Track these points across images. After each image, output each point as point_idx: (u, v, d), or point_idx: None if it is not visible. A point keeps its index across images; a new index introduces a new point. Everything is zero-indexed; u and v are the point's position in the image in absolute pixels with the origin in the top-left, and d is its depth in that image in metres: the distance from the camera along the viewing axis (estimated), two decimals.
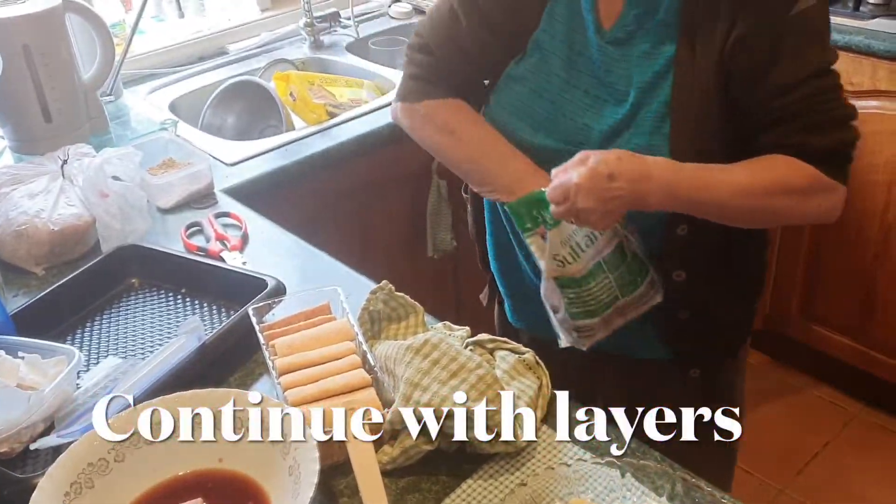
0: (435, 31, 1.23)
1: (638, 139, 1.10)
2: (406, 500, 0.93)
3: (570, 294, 1.13)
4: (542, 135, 1.16)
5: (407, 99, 1.26)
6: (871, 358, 2.34)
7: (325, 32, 2.30)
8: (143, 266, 1.34)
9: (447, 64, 1.22)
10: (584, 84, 1.14)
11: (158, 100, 2.01)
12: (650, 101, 1.10)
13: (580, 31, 1.13)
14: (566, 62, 1.14)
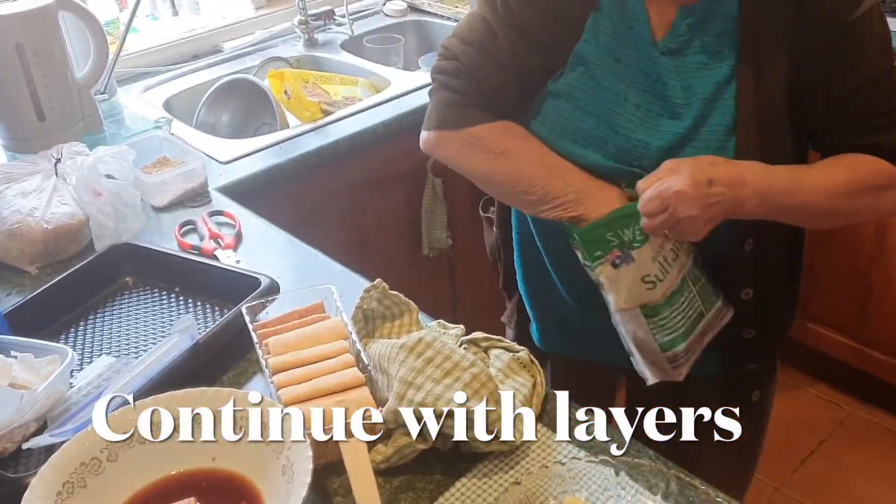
0: (469, 49, 1.12)
1: (700, 155, 1.05)
2: (400, 499, 0.93)
3: (659, 320, 1.08)
4: (592, 152, 1.10)
5: (445, 127, 1.15)
6: (867, 356, 2.34)
7: (320, 30, 2.29)
8: (136, 265, 1.33)
9: (488, 84, 1.12)
10: (635, 98, 1.08)
11: (153, 98, 2.01)
12: (712, 115, 1.06)
13: (628, 43, 1.07)
14: (614, 75, 1.08)
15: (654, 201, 0.99)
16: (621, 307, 1.07)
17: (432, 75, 1.17)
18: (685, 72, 1.06)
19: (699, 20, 1.05)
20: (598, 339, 1.25)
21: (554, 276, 1.24)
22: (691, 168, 0.99)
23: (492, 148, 1.12)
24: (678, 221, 0.99)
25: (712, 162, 1.01)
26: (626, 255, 1.04)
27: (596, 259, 1.05)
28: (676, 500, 0.89)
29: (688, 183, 0.98)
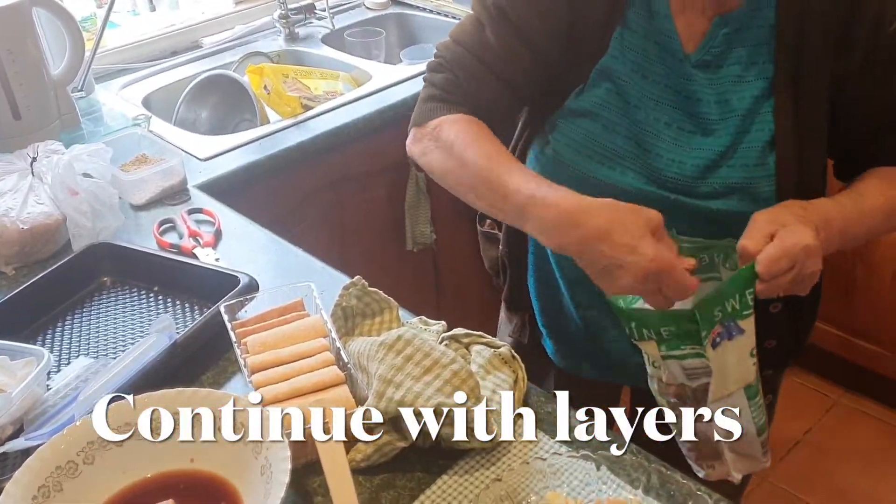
0: (456, 47, 1.09)
1: (738, 173, 1.02)
2: (381, 498, 0.92)
3: (758, 401, 0.98)
4: (621, 173, 1.06)
5: (416, 123, 1.10)
6: (852, 345, 2.35)
7: (301, 24, 2.28)
8: (114, 264, 1.32)
9: (467, 78, 1.07)
10: (666, 116, 1.03)
11: (131, 95, 1.99)
12: (750, 131, 1.02)
13: (656, 59, 1.03)
14: (643, 93, 1.04)
15: (783, 260, 0.90)
16: (723, 394, 0.94)
17: (423, 77, 1.14)
18: (720, 85, 1.02)
19: (735, 29, 1.00)
20: (609, 360, 1.25)
21: (566, 295, 1.22)
22: (799, 217, 0.93)
23: (445, 141, 1.04)
24: (803, 278, 0.92)
25: (804, 207, 0.96)
26: (732, 327, 0.92)
27: (703, 341, 0.91)
28: (658, 493, 0.89)
29: (812, 235, 0.91)
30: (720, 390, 0.94)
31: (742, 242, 0.93)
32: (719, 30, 1.00)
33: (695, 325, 0.90)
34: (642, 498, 0.89)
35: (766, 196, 1.04)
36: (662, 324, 0.91)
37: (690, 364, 0.93)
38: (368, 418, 0.93)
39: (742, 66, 1.01)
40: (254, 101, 1.85)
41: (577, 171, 1.08)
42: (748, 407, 0.97)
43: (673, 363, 0.93)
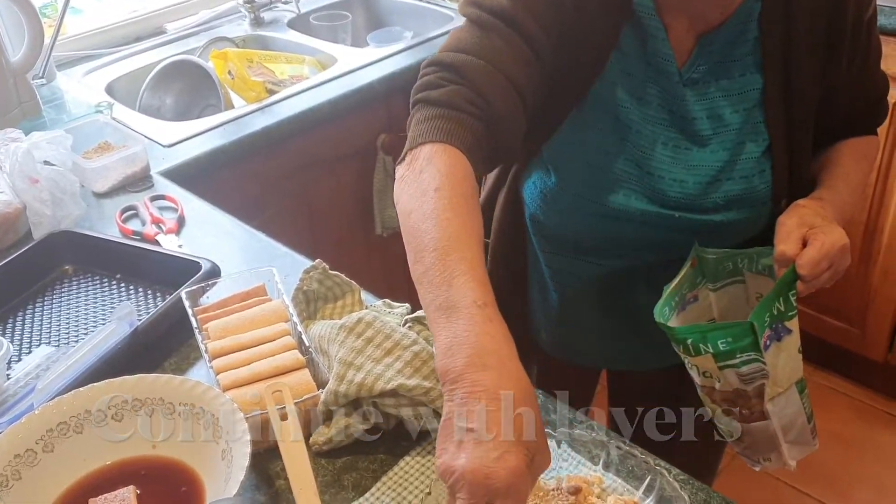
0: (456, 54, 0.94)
1: (738, 186, 1.04)
2: (343, 480, 0.92)
3: (807, 391, 1.02)
4: (624, 196, 1.05)
5: (414, 143, 0.90)
6: (820, 321, 2.38)
7: (266, 8, 2.26)
8: (76, 252, 1.30)
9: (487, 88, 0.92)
10: (662, 136, 1.03)
11: (94, 82, 1.96)
12: (745, 143, 1.03)
13: (648, 80, 1.02)
14: (640, 116, 1.03)
15: (824, 262, 0.94)
16: (778, 391, 0.98)
17: (411, 99, 0.96)
18: (711, 101, 1.02)
19: (721, 45, 1.01)
20: (584, 343, 1.26)
21: (548, 278, 1.22)
22: (823, 216, 0.97)
23: (430, 181, 0.85)
24: (837, 275, 0.97)
25: (822, 205, 1.00)
26: (780, 329, 0.96)
27: (757, 348, 0.93)
28: (617, 468, 0.90)
29: (843, 233, 0.96)
30: (775, 389, 0.97)
31: (780, 248, 0.96)
32: (706, 47, 1.00)
33: (752, 335, 0.92)
34: (602, 474, 0.90)
35: (762, 201, 1.06)
36: (720, 337, 0.93)
37: (747, 370, 0.95)
38: (329, 403, 0.93)
39: (730, 81, 1.02)
40: (218, 86, 1.84)
41: (583, 199, 1.07)
42: (800, 399, 1.01)
43: (729, 372, 0.96)
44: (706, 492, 0.90)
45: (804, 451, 1.07)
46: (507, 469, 0.66)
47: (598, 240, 1.11)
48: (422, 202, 0.83)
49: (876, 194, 2.10)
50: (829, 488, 2.18)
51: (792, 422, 1.03)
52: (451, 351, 0.73)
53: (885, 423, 2.36)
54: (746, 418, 1.01)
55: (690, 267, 1.05)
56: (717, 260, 1.06)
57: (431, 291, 0.77)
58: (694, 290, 1.07)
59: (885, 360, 2.30)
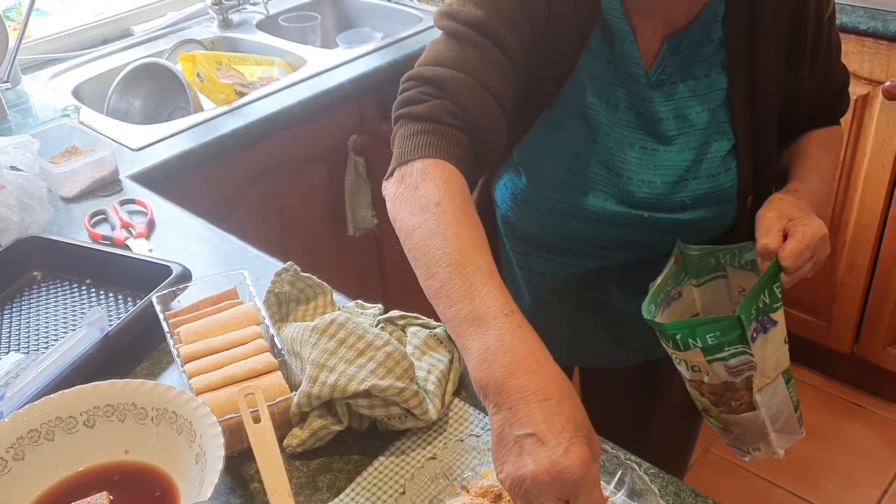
0: (435, 67, 0.95)
1: (705, 184, 1.06)
2: (318, 482, 0.93)
3: (792, 380, 1.04)
4: (594, 197, 1.07)
5: (402, 160, 0.90)
6: (788, 315, 2.37)
7: (234, 10, 2.25)
8: (45, 258, 1.30)
9: (467, 101, 0.93)
10: (630, 138, 1.05)
11: (61, 85, 1.94)
12: (711, 143, 1.05)
13: (616, 83, 1.04)
14: (608, 118, 1.04)
15: (805, 253, 0.96)
16: (766, 382, 0.99)
17: (393, 115, 0.97)
18: (677, 101, 1.04)
19: (688, 46, 1.02)
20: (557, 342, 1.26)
21: (520, 278, 1.23)
22: (801, 208, 0.99)
23: (428, 195, 0.85)
24: (818, 264, 0.99)
25: (797, 196, 1.02)
26: (766, 321, 0.97)
27: (745, 341, 0.94)
28: None
29: (822, 223, 0.98)
30: (762, 380, 0.99)
31: (762, 242, 0.97)
32: (672, 49, 1.02)
33: (740, 329, 0.94)
34: None
35: (729, 198, 1.08)
36: (708, 331, 0.95)
37: (735, 362, 0.97)
38: (302, 405, 0.93)
39: (696, 81, 1.04)
40: (186, 89, 1.83)
41: (552, 200, 1.09)
42: (787, 389, 1.03)
43: (718, 365, 0.98)
44: (676, 484, 0.91)
45: (792, 439, 1.09)
46: (577, 460, 0.68)
47: (569, 240, 1.13)
48: (424, 218, 0.83)
49: (840, 189, 2.14)
50: (798, 479, 2.22)
51: (779, 411, 1.04)
52: (487, 362, 0.73)
53: (853, 413, 2.40)
54: (735, 410, 1.03)
55: (674, 263, 1.06)
56: (699, 256, 1.08)
57: (453, 306, 0.78)
58: (678, 287, 1.09)
59: (851, 351, 2.34)
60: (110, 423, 0.93)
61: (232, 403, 0.91)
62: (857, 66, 1.97)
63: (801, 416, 1.10)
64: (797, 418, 1.09)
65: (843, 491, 2.18)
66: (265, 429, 0.87)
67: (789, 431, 1.08)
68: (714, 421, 1.08)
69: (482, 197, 1.20)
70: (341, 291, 1.19)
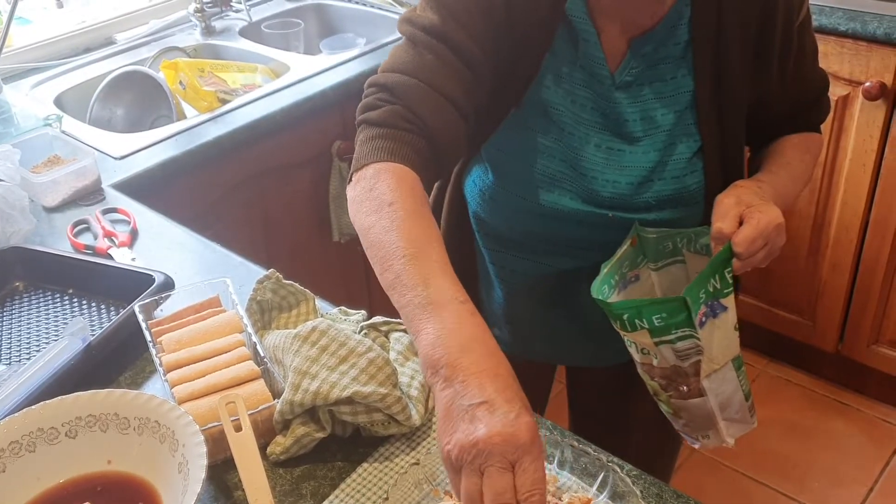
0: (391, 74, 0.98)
1: (669, 186, 1.06)
2: (302, 489, 0.93)
3: (743, 369, 1.04)
4: (559, 195, 1.08)
5: (358, 165, 0.94)
6: (772, 314, 2.43)
7: (217, 17, 2.25)
8: (27, 268, 1.29)
9: (419, 106, 0.96)
10: (595, 138, 1.06)
11: (42, 94, 1.94)
12: (676, 145, 1.05)
13: (581, 83, 1.04)
14: (574, 119, 1.05)
15: (759, 240, 0.95)
16: (715, 368, 0.99)
17: (356, 120, 1.00)
18: (643, 103, 1.05)
19: (653, 49, 1.03)
20: (534, 340, 1.28)
21: (493, 276, 1.23)
22: (761, 196, 0.99)
23: (382, 196, 0.89)
24: (771, 253, 0.98)
25: (759, 185, 1.02)
26: (715, 306, 0.97)
27: (691, 325, 0.94)
28: (571, 466, 0.91)
29: (779, 212, 0.97)
30: (711, 366, 0.99)
31: (717, 226, 0.97)
32: (637, 51, 1.02)
33: (686, 311, 0.94)
34: (557, 472, 0.91)
35: (695, 200, 1.09)
36: (654, 312, 0.95)
37: (682, 346, 0.97)
38: (285, 413, 0.93)
39: (663, 83, 1.04)
40: (169, 97, 1.83)
41: (517, 197, 1.10)
42: (736, 377, 1.03)
43: (665, 348, 0.98)
44: (658, 486, 0.92)
45: (743, 428, 1.09)
46: (526, 425, 0.72)
47: (537, 238, 1.14)
48: (379, 217, 0.87)
49: (822, 189, 2.16)
50: (784, 477, 2.23)
51: (729, 399, 1.04)
52: (442, 340, 0.76)
53: (838, 411, 2.41)
54: (684, 395, 1.03)
55: (630, 246, 1.06)
56: (656, 239, 1.07)
57: (408, 293, 0.81)
58: (635, 270, 1.09)
59: (835, 350, 2.36)
60: (92, 434, 0.92)
61: (214, 412, 0.91)
62: (837, 66, 1.99)
63: (753, 406, 1.09)
64: (748, 408, 1.07)
65: (829, 489, 2.19)
66: (246, 437, 0.87)
67: (740, 420, 1.08)
68: (664, 406, 1.07)
69: (454, 193, 1.21)
70: (327, 297, 1.19)
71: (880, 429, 2.35)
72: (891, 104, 1.96)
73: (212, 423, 0.90)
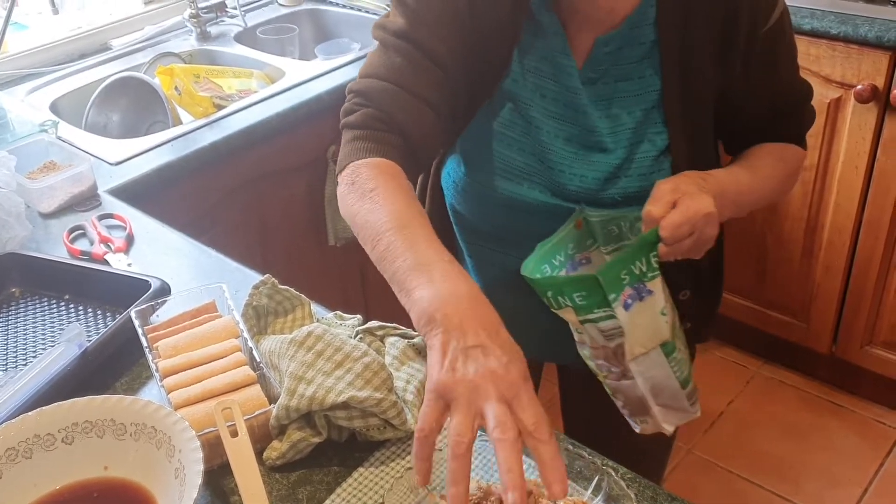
0: (366, 79, 1.04)
1: (635, 183, 1.07)
2: (298, 494, 0.93)
3: (677, 354, 1.03)
4: (528, 188, 1.10)
5: (340, 166, 1.02)
6: (766, 316, 2.44)
7: (212, 23, 2.25)
8: (23, 274, 1.30)
9: (392, 108, 1.01)
10: (564, 132, 1.08)
11: (38, 100, 1.94)
12: (642, 142, 1.07)
13: (550, 77, 1.07)
14: (542, 112, 1.08)
15: (685, 226, 0.95)
16: (639, 352, 1.00)
17: (339, 125, 1.06)
18: (609, 100, 1.06)
19: (618, 48, 1.04)
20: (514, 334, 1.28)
21: (470, 268, 1.24)
22: (700, 186, 0.98)
23: (363, 185, 0.95)
24: (702, 243, 0.98)
25: (703, 177, 1.01)
26: (641, 289, 0.97)
27: (605, 305, 0.96)
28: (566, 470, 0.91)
29: (711, 203, 0.96)
30: (636, 349, 0.99)
31: (647, 208, 0.97)
32: (602, 49, 1.04)
33: (601, 290, 0.95)
34: None
35: None
36: (574, 290, 0.96)
37: (605, 326, 0.98)
38: (281, 418, 0.94)
39: (629, 82, 1.06)
40: (165, 102, 1.83)
41: (488, 189, 1.12)
42: (667, 363, 1.02)
43: (591, 327, 0.99)
44: (653, 489, 0.92)
45: (682, 417, 1.08)
46: (519, 369, 0.76)
47: (507, 230, 1.15)
48: (363, 202, 0.94)
49: (815, 191, 2.17)
50: (779, 479, 2.24)
51: (661, 385, 1.03)
52: (436, 295, 0.80)
53: (832, 412, 2.42)
54: (616, 377, 1.04)
55: (575, 227, 1.06)
56: (601, 222, 1.07)
57: (398, 259, 0.86)
58: (586, 252, 1.09)
59: (829, 351, 2.37)
60: (89, 440, 0.93)
61: (211, 417, 0.92)
62: (829, 69, 2.00)
63: (695, 394, 1.08)
64: (686, 395, 1.06)
65: (824, 490, 2.20)
66: (242, 443, 0.87)
67: (677, 408, 1.07)
68: (606, 388, 1.08)
69: (434, 186, 1.23)
70: (323, 301, 1.20)
71: (874, 430, 2.36)
72: (882, 107, 1.97)
73: (208, 429, 0.91)
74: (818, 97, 2.04)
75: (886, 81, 1.94)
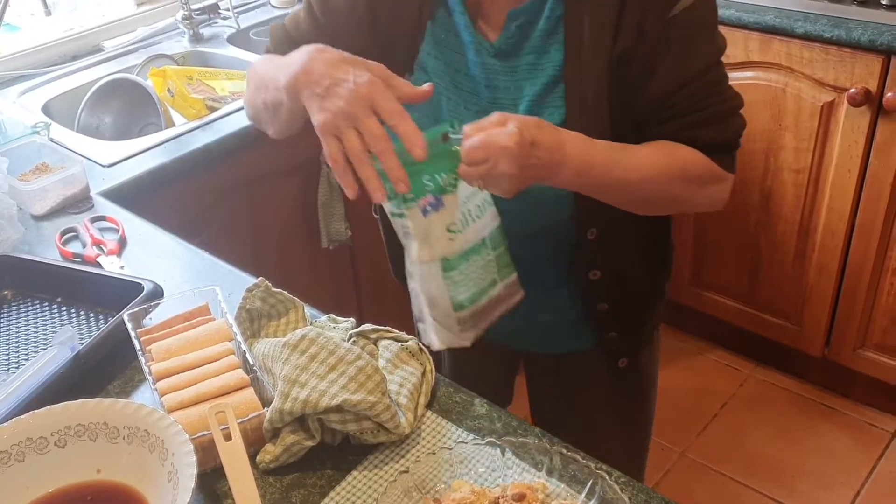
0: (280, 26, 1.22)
1: None
2: (291, 497, 0.93)
3: (456, 276, 1.01)
4: None
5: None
6: (759, 319, 2.44)
7: (205, 25, 2.25)
8: (15, 277, 1.29)
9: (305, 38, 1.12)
10: (474, 105, 1.11)
11: (30, 102, 1.93)
12: (541, 115, 1.06)
13: (458, 51, 1.11)
14: (451, 84, 1.12)
15: (479, 150, 0.93)
16: (424, 259, 0.99)
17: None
18: (517, 73, 1.08)
19: (528, 21, 1.06)
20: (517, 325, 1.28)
21: None
22: (520, 125, 0.95)
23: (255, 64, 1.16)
24: (495, 176, 0.95)
25: (538, 125, 0.98)
26: (438, 200, 0.97)
27: (408, 202, 0.96)
28: (560, 474, 0.92)
29: (515, 140, 0.93)
30: (421, 255, 0.99)
31: (466, 127, 0.96)
32: (512, 22, 1.07)
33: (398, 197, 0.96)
34: (546, 480, 0.92)
35: None
36: (386, 179, 0.95)
37: (400, 223, 0.98)
38: (274, 421, 0.93)
39: (536, 56, 1.08)
40: (157, 104, 1.83)
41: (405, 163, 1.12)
42: (443, 279, 1.01)
43: (396, 220, 0.99)
44: (647, 493, 0.92)
45: (452, 339, 1.06)
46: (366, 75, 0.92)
47: None
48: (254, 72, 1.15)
49: (808, 194, 2.18)
50: (772, 481, 2.24)
51: (435, 299, 1.02)
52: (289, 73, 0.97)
53: (825, 415, 2.43)
54: (410, 277, 1.03)
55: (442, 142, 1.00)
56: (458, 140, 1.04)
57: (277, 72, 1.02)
58: None
59: (822, 354, 2.37)
60: (82, 443, 0.92)
61: (204, 421, 0.91)
62: (822, 73, 2.01)
63: (469, 325, 1.06)
64: (457, 320, 1.04)
65: (817, 492, 2.21)
66: (236, 446, 0.87)
67: (447, 328, 1.06)
68: None
69: None
70: (316, 304, 1.19)
71: (867, 433, 2.37)
72: (875, 110, 1.97)
73: (201, 432, 0.90)
74: (811, 100, 2.05)
75: (879, 85, 1.94)
